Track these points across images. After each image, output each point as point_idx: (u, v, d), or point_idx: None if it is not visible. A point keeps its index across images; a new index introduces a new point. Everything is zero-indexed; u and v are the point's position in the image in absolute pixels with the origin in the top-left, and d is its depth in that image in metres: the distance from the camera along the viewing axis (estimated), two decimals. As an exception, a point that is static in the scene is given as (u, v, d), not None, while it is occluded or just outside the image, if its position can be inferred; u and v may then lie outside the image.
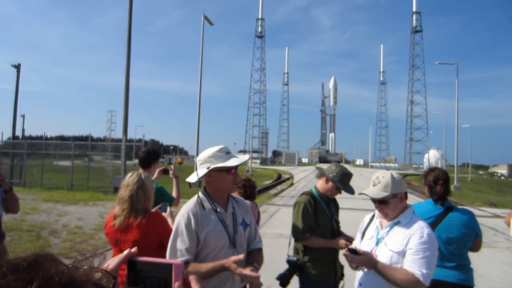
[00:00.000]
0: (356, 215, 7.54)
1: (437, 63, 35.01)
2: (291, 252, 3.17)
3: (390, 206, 2.22)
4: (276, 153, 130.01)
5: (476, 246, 3.01)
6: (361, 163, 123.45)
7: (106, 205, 12.59)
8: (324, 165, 4.68)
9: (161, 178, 3.77)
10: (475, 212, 3.18)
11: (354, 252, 2.20)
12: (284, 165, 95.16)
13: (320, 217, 3.03)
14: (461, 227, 2.88)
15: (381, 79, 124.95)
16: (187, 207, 2.10)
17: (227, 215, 2.12)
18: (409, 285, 2.03)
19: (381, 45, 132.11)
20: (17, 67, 23.37)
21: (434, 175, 3.02)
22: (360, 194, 2.41)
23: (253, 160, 57.64)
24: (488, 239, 8.86)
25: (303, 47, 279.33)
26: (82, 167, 20.69)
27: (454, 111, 29.35)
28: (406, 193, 2.31)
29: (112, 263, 0.79)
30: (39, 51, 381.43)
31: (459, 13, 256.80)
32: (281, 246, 3.78)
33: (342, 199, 3.30)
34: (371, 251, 2.26)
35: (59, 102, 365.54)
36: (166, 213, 3.03)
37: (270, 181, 30.51)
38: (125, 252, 0.83)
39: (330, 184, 3.04)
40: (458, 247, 2.88)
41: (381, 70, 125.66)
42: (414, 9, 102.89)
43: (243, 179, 3.74)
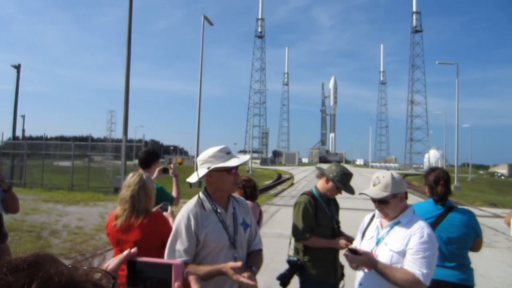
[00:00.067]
0: (356, 215, 7.53)
1: (437, 63, 34.96)
2: (292, 252, 3.16)
3: (390, 206, 2.22)
4: (276, 153, 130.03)
5: (476, 246, 3.00)
6: (361, 163, 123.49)
7: (106, 205, 12.60)
8: (324, 165, 4.67)
9: (160, 177, 3.77)
10: (475, 212, 3.18)
11: (354, 252, 2.20)
12: (284, 165, 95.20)
13: (321, 217, 3.02)
14: (462, 227, 2.87)
15: (381, 79, 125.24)
16: (187, 207, 2.09)
17: (227, 216, 2.11)
18: (410, 285, 2.03)
19: (381, 45, 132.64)
20: (17, 68, 23.40)
21: (435, 175, 3.00)
22: (360, 194, 2.41)
23: (253, 160, 57.65)
24: (488, 239, 8.86)
25: (303, 47, 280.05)
26: (82, 167, 20.73)
27: (454, 111, 29.39)
28: (406, 193, 2.31)
29: (112, 263, 0.79)
30: (39, 52, 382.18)
31: (459, 13, 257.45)
32: (281, 246, 3.78)
33: (342, 199, 3.30)
34: (371, 251, 2.25)
35: (59, 102, 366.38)
36: (167, 212, 3.03)
37: (270, 181, 30.50)
38: (125, 253, 0.83)
39: (330, 184, 3.03)
40: (458, 247, 2.87)
41: (381, 70, 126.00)
42: (414, 9, 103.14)
43: (243, 179, 3.72)
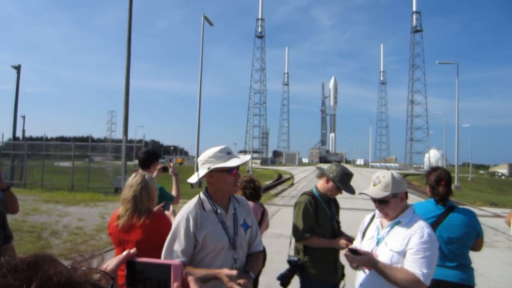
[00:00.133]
0: (357, 215, 7.53)
1: (437, 62, 35.07)
2: (292, 252, 3.16)
3: (391, 206, 2.22)
4: (276, 153, 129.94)
5: (477, 245, 3.00)
6: (362, 163, 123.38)
7: (106, 205, 12.61)
8: (324, 165, 4.67)
9: (160, 176, 3.77)
10: (476, 211, 3.17)
11: (354, 252, 2.20)
12: (285, 165, 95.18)
13: (321, 217, 3.02)
14: (462, 227, 2.87)
15: (381, 79, 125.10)
16: (186, 208, 2.09)
17: (227, 217, 2.09)
18: (410, 285, 2.03)
19: (381, 45, 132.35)
20: (17, 68, 23.43)
21: (436, 175, 2.98)
22: (360, 194, 2.41)
23: (253, 160, 57.69)
24: (489, 238, 8.85)
25: (303, 47, 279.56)
26: (82, 168, 20.75)
27: (454, 111, 29.40)
28: (406, 193, 2.31)
29: (111, 264, 0.78)
30: (39, 52, 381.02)
31: (459, 13, 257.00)
32: (281, 246, 3.78)
33: (342, 199, 3.30)
34: (372, 251, 2.25)
35: (59, 102, 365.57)
36: (169, 211, 3.04)
37: (271, 181, 30.51)
38: (124, 253, 0.83)
39: (330, 184, 3.03)
40: (459, 247, 2.87)
41: (381, 70, 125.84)
42: (414, 8, 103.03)
43: (244, 180, 3.68)
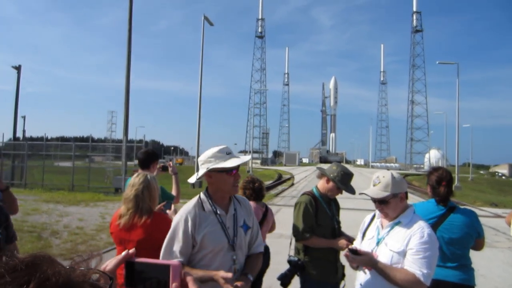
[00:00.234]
0: (357, 215, 7.53)
1: (437, 62, 34.83)
2: (292, 252, 3.16)
3: (391, 206, 2.22)
4: (276, 154, 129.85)
5: (478, 245, 2.99)
6: (362, 163, 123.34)
7: (107, 205, 12.62)
8: (324, 165, 4.66)
9: (159, 175, 3.77)
10: (476, 212, 3.16)
11: (354, 252, 2.20)
12: (285, 165, 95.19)
13: (321, 217, 3.02)
14: (463, 227, 2.86)
15: (381, 79, 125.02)
16: (186, 208, 2.08)
17: (227, 217, 2.08)
18: (410, 285, 2.03)
19: (381, 45, 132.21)
20: (18, 69, 23.45)
21: (438, 175, 2.97)
22: (360, 194, 2.40)
23: (253, 161, 57.70)
24: (489, 239, 8.84)
25: (303, 47, 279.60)
26: (83, 168, 20.76)
27: (454, 111, 29.31)
28: (406, 193, 2.30)
29: (110, 264, 0.78)
30: (40, 52, 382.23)
31: (460, 12, 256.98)
32: (282, 246, 3.77)
33: (342, 199, 3.30)
34: (372, 251, 2.25)
35: (59, 103, 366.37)
36: (171, 210, 3.05)
37: (271, 181, 30.50)
38: (123, 253, 0.83)
39: (331, 184, 3.03)
40: (460, 247, 2.86)
41: (381, 70, 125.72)
42: (414, 8, 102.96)
43: (245, 180, 3.65)
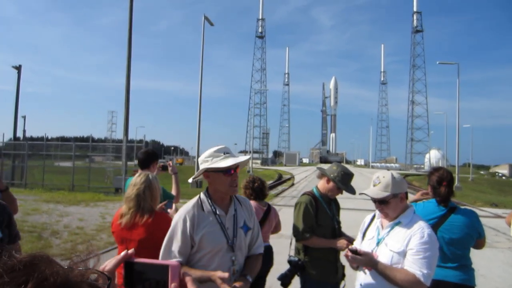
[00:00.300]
0: (357, 215, 7.52)
1: (438, 63, 35.03)
2: (292, 252, 3.16)
3: (391, 206, 2.21)
4: (276, 154, 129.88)
5: (479, 244, 3.00)
6: (362, 163, 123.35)
7: (107, 205, 12.62)
8: (325, 165, 4.66)
9: (159, 174, 3.77)
10: (477, 212, 3.16)
11: (355, 253, 2.20)
12: (285, 165, 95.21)
13: (321, 217, 3.02)
14: (464, 228, 2.86)
15: (382, 79, 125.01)
16: (185, 208, 2.07)
17: (227, 218, 2.06)
18: (410, 285, 2.03)
19: (381, 45, 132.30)
20: (18, 68, 23.46)
21: (438, 175, 2.96)
22: (360, 194, 2.40)
23: (254, 161, 57.67)
24: (489, 239, 8.83)
25: (303, 47, 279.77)
26: (83, 168, 20.76)
27: (455, 111, 29.27)
28: (406, 193, 2.30)
29: (109, 264, 0.78)
30: (40, 52, 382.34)
31: (460, 13, 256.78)
32: (282, 247, 3.77)
33: (343, 199, 3.30)
34: (372, 251, 2.25)
35: (59, 103, 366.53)
36: (172, 209, 3.06)
37: (271, 182, 30.48)
38: (122, 254, 0.83)
39: (331, 184, 3.03)
40: (460, 247, 2.86)
41: (382, 70, 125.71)
42: (414, 9, 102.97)
43: (247, 180, 3.66)
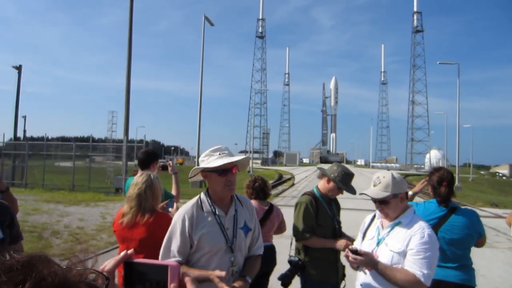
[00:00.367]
0: (357, 215, 7.52)
1: (438, 63, 35.07)
2: (293, 252, 3.16)
3: (391, 206, 2.21)
4: (277, 154, 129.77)
5: (479, 244, 3.00)
6: (362, 163, 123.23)
7: (107, 205, 12.62)
8: (325, 166, 4.66)
9: (159, 174, 3.77)
10: (477, 212, 3.16)
11: (355, 253, 2.20)
12: (285, 165, 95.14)
13: (322, 217, 3.02)
14: (464, 228, 2.87)
15: (382, 79, 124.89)
16: (184, 208, 2.07)
17: (227, 218, 2.04)
18: (410, 285, 2.03)
19: (382, 45, 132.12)
20: (18, 68, 23.47)
21: (439, 175, 2.96)
22: (360, 194, 2.41)
23: (254, 161, 57.68)
24: (490, 239, 8.82)
25: (303, 47, 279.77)
26: (83, 168, 20.78)
27: (455, 111, 29.27)
28: (406, 193, 2.30)
29: (108, 264, 0.78)
30: (40, 52, 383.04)
31: (460, 13, 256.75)
32: (282, 247, 3.77)
33: (343, 199, 3.30)
34: (372, 251, 2.25)
35: (60, 103, 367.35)
36: (173, 209, 3.06)
37: (271, 182, 30.47)
38: (122, 254, 0.82)
39: (331, 184, 3.02)
40: (460, 247, 2.87)
41: (382, 70, 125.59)
42: (415, 9, 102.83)
43: (248, 180, 3.65)
